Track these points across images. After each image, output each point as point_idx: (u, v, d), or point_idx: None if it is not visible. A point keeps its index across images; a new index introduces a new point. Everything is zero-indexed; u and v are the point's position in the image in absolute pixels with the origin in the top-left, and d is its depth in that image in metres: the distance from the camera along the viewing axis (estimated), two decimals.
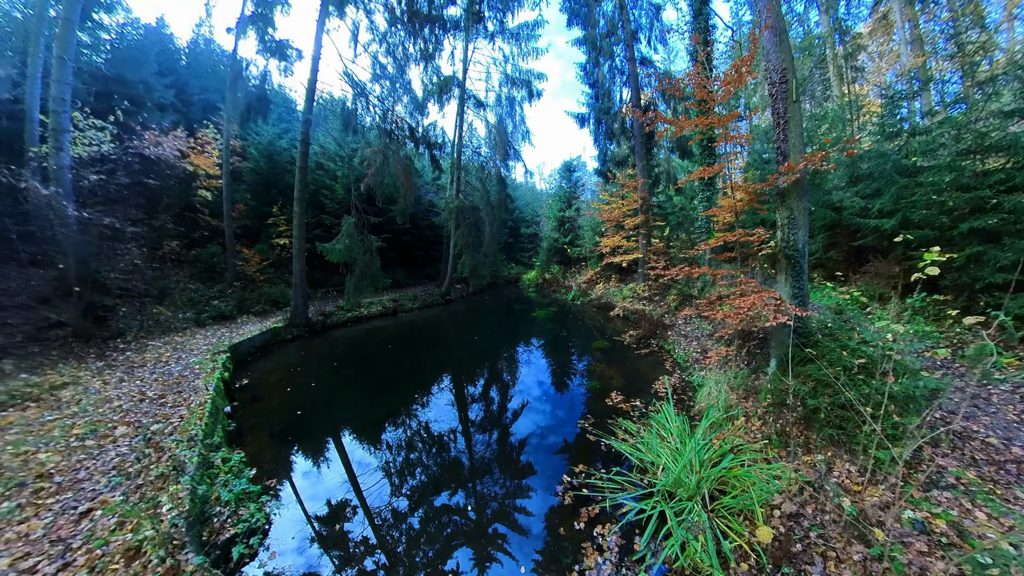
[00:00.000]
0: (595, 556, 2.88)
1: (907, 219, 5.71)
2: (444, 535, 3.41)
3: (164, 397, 5.30)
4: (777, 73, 4.70)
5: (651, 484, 3.52)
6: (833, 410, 3.58)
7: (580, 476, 3.86)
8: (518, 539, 3.31)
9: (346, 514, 3.69)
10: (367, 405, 6.19)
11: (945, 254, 5.28)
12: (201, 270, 11.12)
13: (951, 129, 5.35)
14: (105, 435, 4.27)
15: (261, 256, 12.21)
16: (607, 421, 4.98)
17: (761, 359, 5.56)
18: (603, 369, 7.38)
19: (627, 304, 11.40)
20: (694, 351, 7.14)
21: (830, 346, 4.11)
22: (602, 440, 4.48)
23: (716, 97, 5.82)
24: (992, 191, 4.75)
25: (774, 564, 2.56)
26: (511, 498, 3.87)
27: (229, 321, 9.62)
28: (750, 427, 4.37)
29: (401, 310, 13.11)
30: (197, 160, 12.40)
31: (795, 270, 4.76)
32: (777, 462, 3.56)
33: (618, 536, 3.07)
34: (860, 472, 3.16)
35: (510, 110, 14.04)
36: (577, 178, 19.84)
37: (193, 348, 7.48)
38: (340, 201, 14.09)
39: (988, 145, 4.85)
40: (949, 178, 5.04)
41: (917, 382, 3.39)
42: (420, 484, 4.15)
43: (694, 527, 2.82)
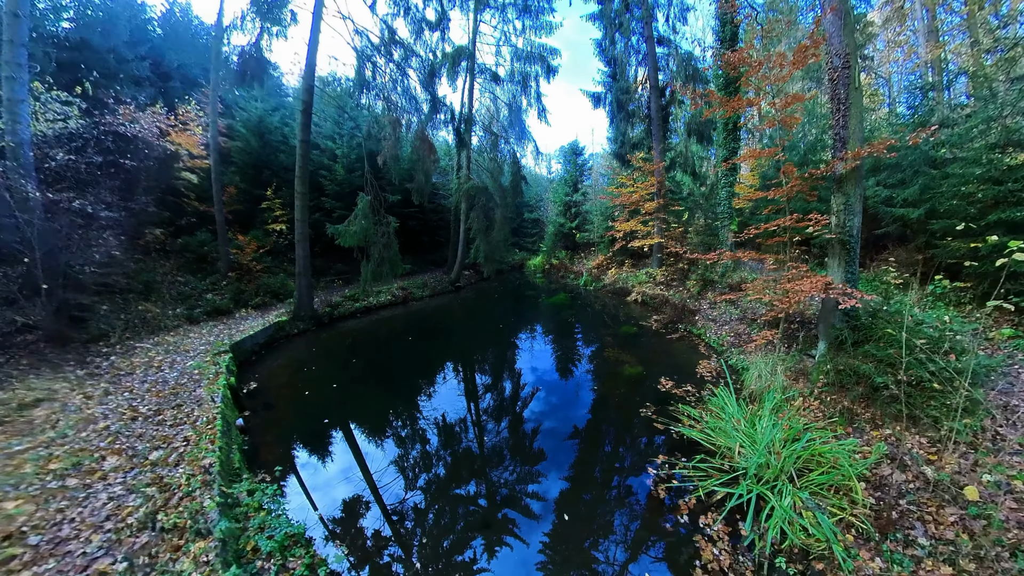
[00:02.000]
0: (710, 548, 3.04)
1: (933, 209, 6.21)
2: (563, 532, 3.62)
3: (161, 413, 4.60)
4: (840, 58, 4.90)
5: (732, 468, 3.83)
6: (899, 387, 3.99)
7: (664, 468, 4.04)
8: (633, 537, 3.35)
9: (405, 544, 3.27)
10: (400, 408, 5.80)
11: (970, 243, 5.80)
12: (190, 260, 10.43)
13: (980, 123, 5.79)
14: (91, 469, 3.47)
15: (257, 243, 11.50)
16: (668, 408, 5.28)
17: (804, 342, 5.99)
18: (640, 355, 7.72)
19: (645, 289, 11.77)
20: (727, 335, 7.57)
21: (886, 328, 4.52)
22: (671, 428, 4.72)
23: (751, 80, 5.99)
24: (1019, 184, 5.23)
25: (880, 532, 2.92)
26: (621, 497, 3.85)
27: (226, 316, 9.05)
28: (807, 407, 4.78)
29: (411, 299, 12.94)
30: (179, 139, 11.52)
31: (849, 255, 5.12)
32: (846, 439, 3.95)
33: (723, 524, 3.25)
34: (931, 443, 3.58)
35: (524, 87, 13.79)
36: (583, 162, 19.87)
37: (188, 349, 6.83)
38: (341, 182, 13.65)
39: (1017, 140, 5.30)
40: (980, 171, 5.49)
41: (978, 360, 3.81)
42: (510, 496, 3.93)
43: (805, 504, 3.15)
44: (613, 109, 13.10)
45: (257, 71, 10.41)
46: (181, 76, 14.29)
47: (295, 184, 8.97)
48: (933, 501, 3.04)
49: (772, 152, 5.71)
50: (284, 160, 13.00)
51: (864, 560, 2.75)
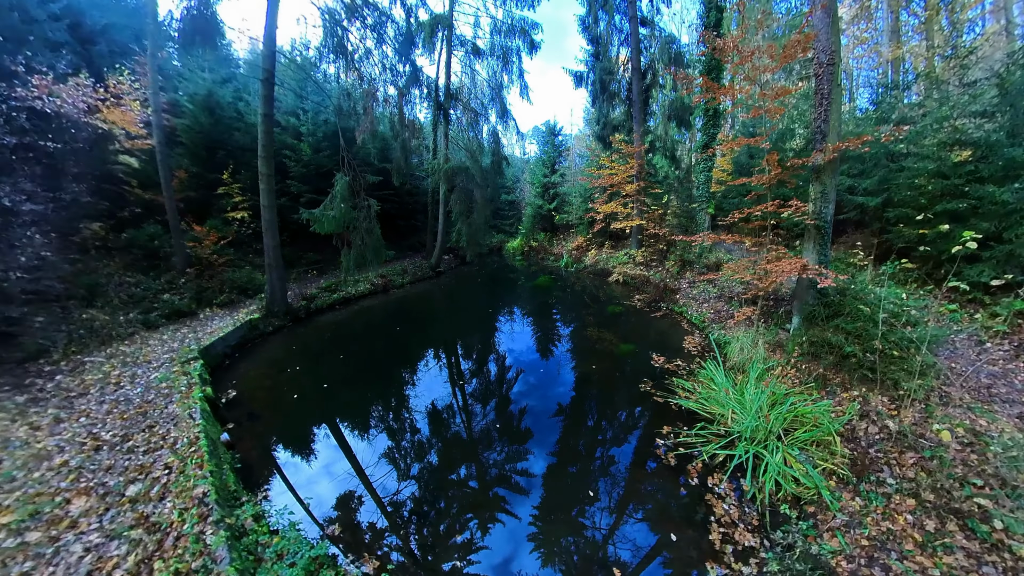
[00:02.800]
0: (720, 504, 3.47)
1: (890, 199, 7.00)
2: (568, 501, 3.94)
3: (130, 438, 4.09)
4: (826, 55, 5.28)
5: (728, 433, 4.31)
6: (865, 355, 4.63)
7: (669, 437, 4.46)
8: (652, 500, 3.73)
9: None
10: (395, 402, 5.72)
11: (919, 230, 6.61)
12: (138, 257, 9.29)
13: (933, 123, 6.53)
14: (56, 517, 2.94)
15: (217, 234, 10.36)
16: (664, 381, 5.75)
17: (780, 317, 6.65)
18: (629, 333, 8.20)
19: (626, 270, 12.29)
20: (707, 312, 8.20)
21: (855, 304, 5.15)
22: (669, 400, 5.16)
23: (740, 69, 6.32)
24: (963, 179, 6.02)
25: (856, 476, 3.48)
26: (636, 465, 4.16)
27: (188, 318, 8.22)
28: (785, 375, 5.39)
29: (391, 287, 12.51)
30: (112, 116, 9.85)
31: (823, 239, 5.70)
32: (822, 401, 4.55)
33: (728, 482, 3.71)
34: (892, 401, 4.23)
35: (505, 63, 13.43)
36: (560, 143, 19.86)
37: (150, 359, 6.15)
38: (307, 163, 12.75)
39: (963, 140, 6.06)
40: (931, 166, 6.24)
41: (928, 331, 4.48)
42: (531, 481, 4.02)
43: (796, 459, 3.65)
44: (596, 89, 13.15)
45: (207, 34, 9.13)
46: (108, 40, 12.29)
47: (259, 166, 8.13)
48: (896, 448, 3.64)
49: (757, 141, 6.11)
50: (240, 139, 11.90)
51: (846, 500, 3.28)
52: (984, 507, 2.87)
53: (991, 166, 5.55)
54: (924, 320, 4.70)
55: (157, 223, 9.78)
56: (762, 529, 3.23)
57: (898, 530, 2.92)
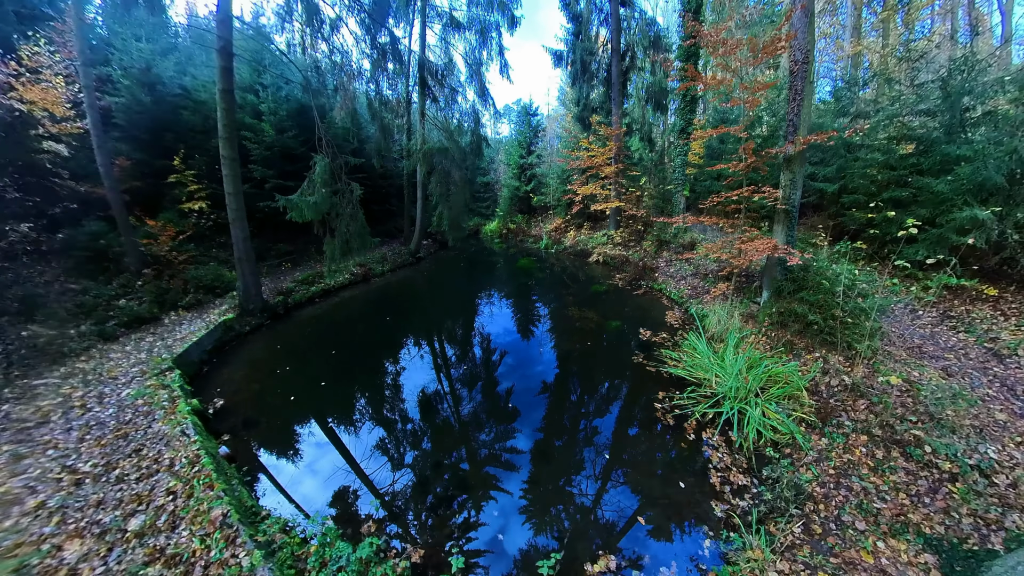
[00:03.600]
0: (715, 453, 4.06)
1: (845, 186, 7.88)
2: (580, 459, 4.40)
3: (115, 466, 3.76)
4: (802, 53, 5.83)
5: (714, 394, 4.93)
6: (825, 322, 5.39)
7: (665, 401, 5.03)
8: (658, 454, 4.28)
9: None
10: (394, 395, 5.75)
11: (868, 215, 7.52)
12: (82, 260, 8.15)
13: (884, 119, 7.39)
14: (50, 570, 2.65)
15: (174, 228, 9.51)
16: (653, 352, 6.32)
17: (751, 292, 7.42)
18: (614, 310, 8.76)
19: (606, 250, 12.88)
20: (685, 289, 8.92)
21: (815, 279, 5.91)
22: (660, 369, 5.74)
23: (726, 61, 6.79)
24: (906, 171, 6.92)
25: (821, 421, 4.17)
26: (643, 426, 4.76)
27: (152, 324, 7.51)
28: (757, 342, 6.13)
29: (371, 275, 12.06)
30: (31, 94, 8.32)
31: (790, 222, 6.41)
32: (790, 362, 5.28)
33: (719, 436, 4.32)
34: (847, 360, 5.01)
35: (483, 38, 13.14)
36: (536, 123, 19.85)
37: (115, 374, 5.61)
38: (271, 145, 11.72)
39: (909, 136, 6.93)
40: (881, 158, 7.11)
41: (876, 301, 5.29)
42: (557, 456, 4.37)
43: (775, 411, 4.29)
44: (577, 70, 13.28)
45: None
46: (16, 3, 10.47)
47: (220, 148, 7.41)
48: (851, 397, 4.39)
49: (736, 130, 6.66)
50: (190, 119, 10.80)
51: (815, 441, 3.96)
52: (918, 436, 3.62)
53: (930, 159, 6.45)
54: (872, 292, 5.52)
55: (101, 219, 8.57)
56: (751, 470, 3.85)
57: (856, 459, 3.61)
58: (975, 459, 3.35)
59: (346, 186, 9.92)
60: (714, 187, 12.85)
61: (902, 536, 2.84)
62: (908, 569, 2.60)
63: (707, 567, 2.90)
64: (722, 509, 3.39)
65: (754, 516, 3.16)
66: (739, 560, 2.80)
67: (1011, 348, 4.98)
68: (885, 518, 3.00)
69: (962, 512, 2.97)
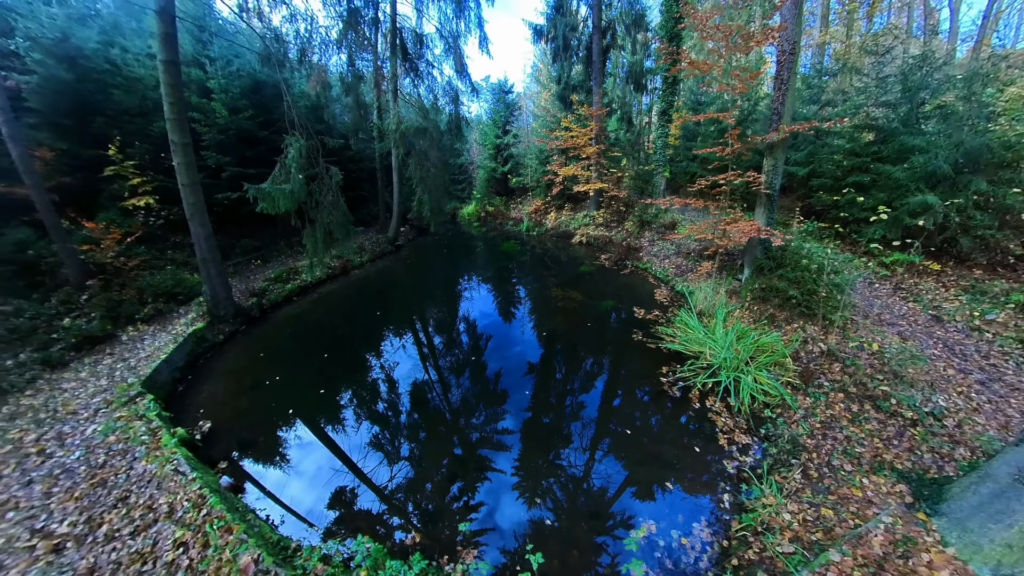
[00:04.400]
0: (719, 418, 4.58)
1: (814, 170, 8.64)
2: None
3: (101, 521, 3.27)
4: (789, 44, 6.25)
5: (710, 365, 5.45)
6: (803, 296, 6.05)
7: (669, 374, 5.49)
8: (670, 423, 4.76)
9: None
10: (396, 393, 5.68)
11: (834, 197, 8.31)
12: (8, 276, 6.98)
13: (850, 108, 8.10)
14: None
15: (118, 230, 8.27)
16: (650, 329, 6.80)
17: (733, 269, 8.06)
18: (604, 289, 9.20)
19: (588, 231, 13.27)
20: (669, 267, 9.50)
21: (793, 257, 6.57)
22: (660, 345, 6.20)
23: (718, 48, 7.14)
24: (868, 158, 7.70)
25: (804, 383, 4.80)
26: (653, 398, 5.29)
27: (107, 343, 6.60)
28: (741, 316, 6.76)
29: (350, 267, 11.49)
30: None
31: (771, 205, 7.01)
32: (772, 333, 5.92)
33: (720, 403, 4.83)
34: (822, 329, 5.70)
35: (460, 8, 12.62)
36: (512, 101, 19.54)
37: (74, 408, 4.90)
38: (224, 127, 10.51)
39: (872, 125, 7.68)
40: (848, 145, 7.85)
41: (847, 277, 6.01)
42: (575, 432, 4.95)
43: (767, 378, 4.86)
44: (559, 46, 13.20)
45: None
46: None
47: (169, 133, 6.45)
48: (827, 361, 5.05)
49: (725, 116, 7.08)
50: (123, 100, 9.39)
51: (801, 400, 4.57)
52: (886, 391, 4.29)
53: (889, 148, 7.23)
54: (843, 269, 6.25)
55: (25, 224, 7.35)
56: (751, 431, 4.39)
57: (836, 413, 4.24)
58: (929, 407, 4.06)
59: (324, 171, 9.36)
60: (691, 168, 13.51)
61: (880, 472, 3.44)
62: (889, 497, 3.19)
63: (729, 518, 3.36)
64: (733, 466, 3.90)
65: (764, 468, 3.67)
66: (756, 507, 3.29)
67: (950, 315, 5.89)
68: (865, 459, 3.61)
69: (923, 450, 3.63)
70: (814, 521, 3.09)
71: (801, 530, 3.00)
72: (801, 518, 3.12)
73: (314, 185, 9.05)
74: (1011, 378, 4.58)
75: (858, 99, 7.93)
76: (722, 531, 3.25)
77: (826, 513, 3.13)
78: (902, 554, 2.69)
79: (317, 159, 9.18)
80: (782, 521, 3.10)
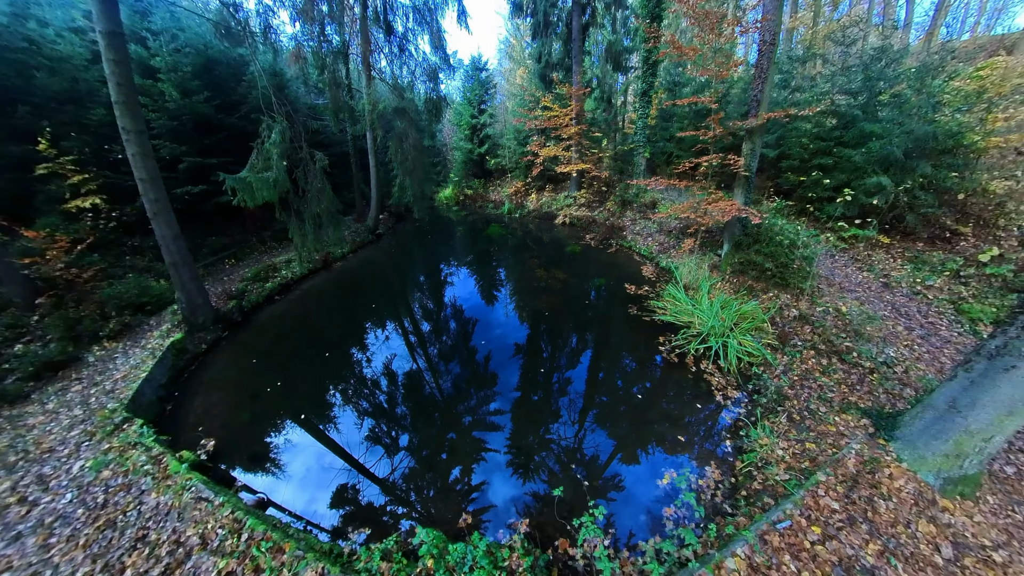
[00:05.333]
0: (713, 378, 5.22)
1: (784, 152, 9.44)
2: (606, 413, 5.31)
3: (120, 566, 3.04)
4: (770, 35, 6.77)
5: (699, 333, 6.08)
6: (777, 268, 6.81)
7: (665, 344, 6.07)
8: (672, 384, 5.41)
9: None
10: (413, 386, 5.75)
11: (800, 177, 9.15)
12: None
13: (817, 96, 8.88)
14: None
15: (64, 237, 7.27)
16: (642, 303, 7.37)
17: (713, 245, 8.78)
18: (594, 268, 9.71)
19: (571, 212, 13.69)
20: (653, 245, 10.14)
21: (767, 233, 7.31)
22: (654, 317, 6.78)
23: (698, 23, 7.61)
24: (831, 142, 8.53)
25: (782, 344, 5.53)
26: (662, 371, 5.89)
27: (73, 367, 6.00)
28: (724, 288, 7.48)
29: (331, 260, 11.11)
30: None
31: (749, 185, 7.69)
32: (750, 302, 6.66)
33: (713, 365, 5.48)
34: (794, 297, 6.49)
35: None
36: (486, 79, 19.23)
37: (50, 446, 4.43)
38: (176, 112, 9.51)
39: (836, 111, 8.49)
40: (814, 130, 8.65)
41: (815, 251, 6.80)
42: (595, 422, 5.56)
43: (751, 341, 5.55)
44: (539, 21, 13.17)
45: None
46: None
47: (118, 119, 5.68)
48: (799, 324, 5.82)
49: (707, 101, 7.60)
50: (49, 83, 8.13)
51: (779, 359, 5.28)
52: (849, 346, 5.07)
53: (850, 133, 8.07)
54: (811, 244, 7.06)
55: None
56: (740, 387, 5.06)
57: (809, 368, 4.97)
58: (883, 358, 4.87)
59: (309, 156, 8.81)
60: (667, 148, 14.15)
61: (848, 412, 4.17)
62: (855, 430, 3.91)
63: (733, 459, 3.97)
64: (731, 416, 4.53)
65: (758, 415, 4.32)
66: (755, 447, 3.91)
67: (896, 281, 6.86)
68: (836, 402, 4.34)
69: (879, 392, 4.40)
70: (801, 454, 3.75)
71: (792, 461, 3.65)
72: (791, 452, 3.77)
73: (298, 172, 8.58)
74: (944, 332, 5.52)
75: (824, 86, 8.71)
76: (729, 470, 3.86)
77: (810, 447, 3.80)
78: (870, 471, 3.38)
79: (301, 143, 8.71)
80: (776, 456, 3.73)
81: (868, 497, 3.15)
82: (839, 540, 2.82)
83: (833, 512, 3.03)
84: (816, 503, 3.10)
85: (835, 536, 2.85)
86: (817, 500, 3.13)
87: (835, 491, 3.21)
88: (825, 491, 3.20)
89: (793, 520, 2.97)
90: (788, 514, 2.99)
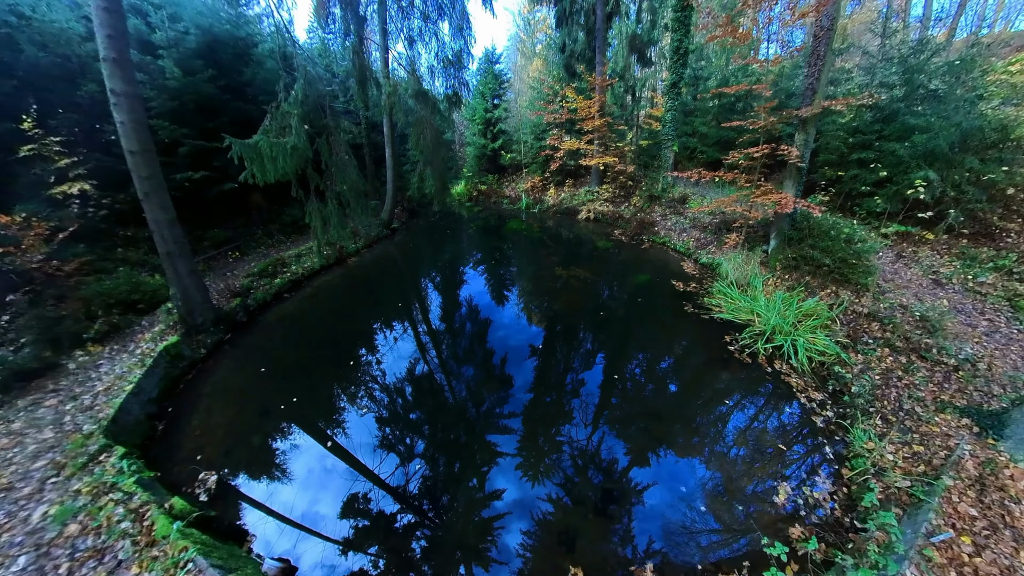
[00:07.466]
0: (790, 378, 5.14)
1: (823, 145, 9.41)
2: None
3: None
4: (828, 20, 6.64)
5: (763, 331, 6.03)
6: (835, 264, 6.79)
7: (733, 343, 5.95)
8: (750, 386, 5.35)
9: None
10: (438, 398, 5.15)
11: (838, 172, 9.14)
12: None
13: (855, 88, 8.83)
14: None
15: (44, 224, 6.34)
16: (695, 300, 7.30)
17: (758, 240, 8.72)
18: (631, 264, 9.62)
19: (596, 207, 13.54)
20: (689, 241, 10.08)
21: (819, 228, 7.27)
22: (712, 315, 6.70)
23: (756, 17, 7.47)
24: (870, 136, 8.50)
25: (852, 341, 5.52)
26: (732, 370, 5.87)
27: (49, 377, 5.15)
28: (775, 284, 7.45)
29: (345, 255, 10.52)
30: None
31: (800, 177, 7.61)
32: (808, 299, 6.64)
33: (787, 364, 5.41)
34: (855, 293, 6.48)
35: None
36: (500, 72, 18.81)
37: (5, 481, 3.48)
38: (178, 91, 8.83)
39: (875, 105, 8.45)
40: (854, 123, 8.62)
41: (872, 246, 6.78)
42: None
43: (823, 339, 5.52)
44: (564, 8, 12.85)
45: None
46: None
47: (107, 80, 4.97)
48: (866, 322, 5.82)
49: (758, 89, 7.50)
50: (36, 58, 7.38)
51: (852, 355, 5.27)
52: (928, 343, 5.08)
53: (892, 127, 8.05)
54: (867, 238, 7.05)
55: None
56: (820, 387, 5.03)
57: (889, 366, 4.97)
58: (964, 355, 4.88)
59: (333, 122, 7.86)
60: (690, 143, 14.05)
61: (945, 411, 4.17)
62: (959, 430, 3.91)
63: (838, 467, 3.90)
64: (821, 420, 4.50)
65: (858, 416, 4.29)
66: (860, 453, 3.88)
67: (947, 278, 6.91)
68: (928, 401, 4.34)
69: (970, 389, 4.41)
70: (911, 457, 3.73)
71: (907, 466, 3.63)
72: (901, 456, 3.75)
73: (320, 141, 7.56)
74: (1005, 330, 5.56)
75: (859, 79, 8.66)
76: (838, 479, 3.75)
77: (918, 449, 3.78)
78: (990, 472, 3.37)
79: (325, 109, 7.76)
80: (888, 461, 3.71)
81: (1000, 501, 3.14)
82: (991, 550, 2.80)
83: (974, 519, 3.02)
84: (955, 511, 3.08)
85: (986, 546, 2.83)
86: (955, 507, 3.10)
87: (968, 496, 3.19)
88: (959, 497, 3.18)
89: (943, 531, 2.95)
90: (936, 525, 2.96)
